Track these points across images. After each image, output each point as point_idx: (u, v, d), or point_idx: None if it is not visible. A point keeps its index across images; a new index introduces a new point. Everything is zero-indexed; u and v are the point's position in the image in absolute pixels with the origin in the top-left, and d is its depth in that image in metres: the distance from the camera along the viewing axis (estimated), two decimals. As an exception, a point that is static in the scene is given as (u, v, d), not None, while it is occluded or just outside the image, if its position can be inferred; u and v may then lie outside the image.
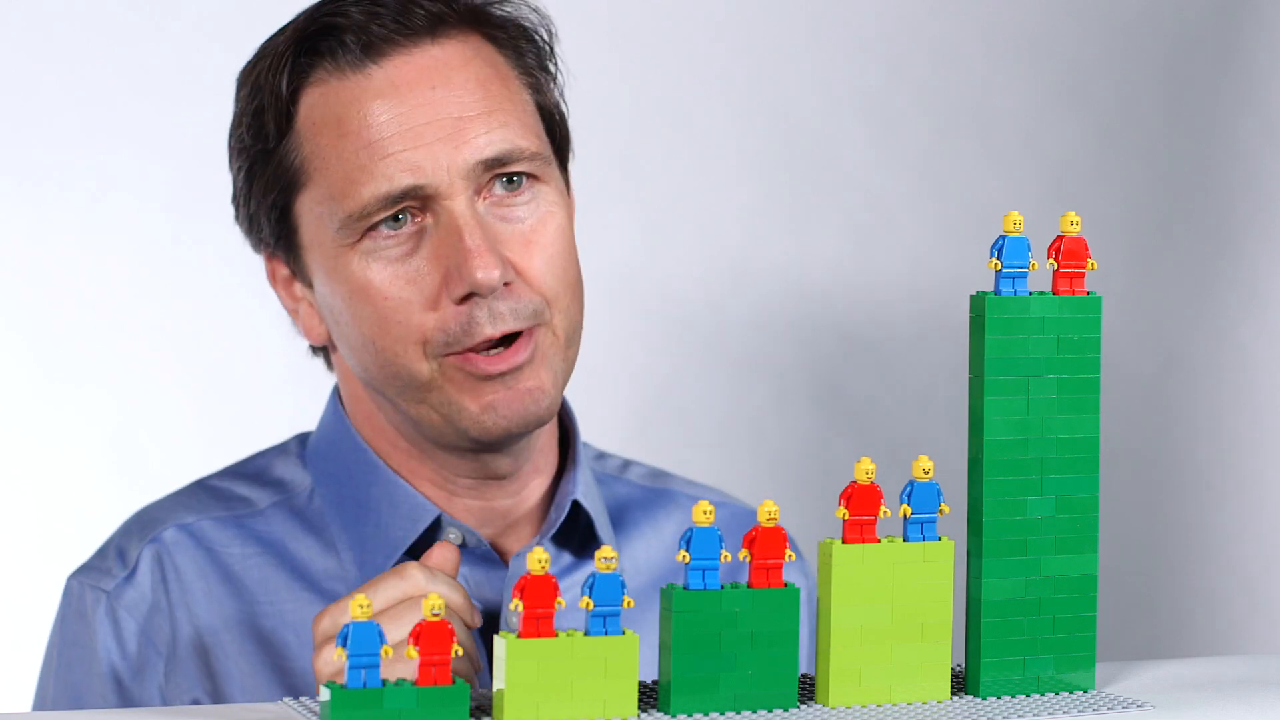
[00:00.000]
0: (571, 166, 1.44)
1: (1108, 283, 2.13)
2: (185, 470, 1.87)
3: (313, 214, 1.35)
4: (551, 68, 1.41)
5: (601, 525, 1.44)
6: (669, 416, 2.12)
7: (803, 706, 1.06)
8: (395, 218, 1.32)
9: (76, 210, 1.90)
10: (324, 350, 1.46)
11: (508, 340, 1.33)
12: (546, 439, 1.44)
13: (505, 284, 1.31)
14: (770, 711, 1.04)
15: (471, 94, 1.33)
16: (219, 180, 1.92)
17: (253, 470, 1.46)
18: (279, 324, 1.48)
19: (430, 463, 1.39)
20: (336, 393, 1.45)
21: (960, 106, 2.20)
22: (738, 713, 1.04)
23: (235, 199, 1.42)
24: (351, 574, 1.39)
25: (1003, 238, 1.09)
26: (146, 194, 1.92)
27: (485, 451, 1.37)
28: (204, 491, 1.44)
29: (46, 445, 1.90)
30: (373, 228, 1.32)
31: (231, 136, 1.41)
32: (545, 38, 1.40)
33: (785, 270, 2.15)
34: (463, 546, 1.40)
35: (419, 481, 1.40)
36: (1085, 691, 1.11)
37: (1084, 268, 1.11)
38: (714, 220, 2.13)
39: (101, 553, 1.42)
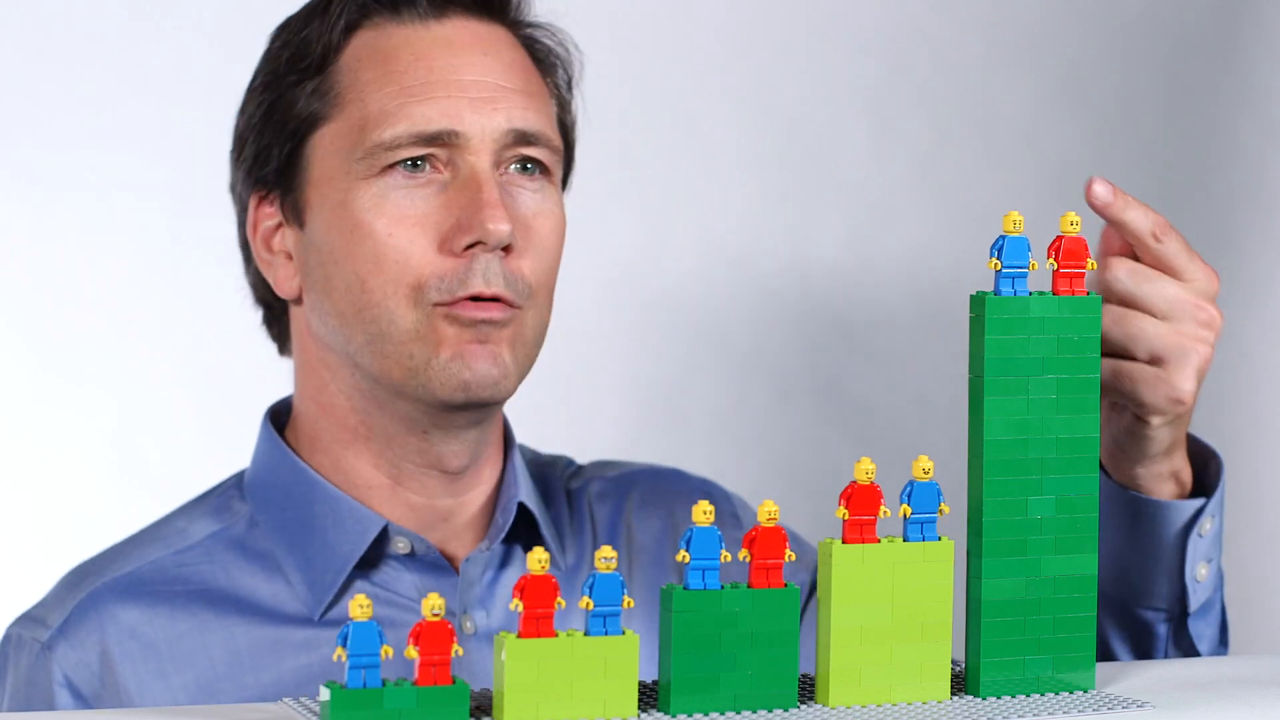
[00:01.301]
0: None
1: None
2: (185, 470, 1.87)
3: (332, 146, 1.37)
4: (572, 100, 1.47)
5: (544, 524, 1.45)
6: (669, 416, 2.12)
7: (803, 706, 1.06)
8: (415, 163, 1.35)
9: (77, 211, 1.90)
10: (278, 321, 1.45)
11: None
12: (493, 447, 1.44)
13: (505, 249, 1.34)
14: (770, 711, 1.04)
15: (516, 72, 1.39)
16: (219, 181, 1.92)
17: (190, 506, 1.46)
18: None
19: (376, 443, 1.39)
20: (267, 419, 1.45)
21: (960, 106, 2.20)
22: (738, 713, 1.04)
23: (242, 135, 1.43)
24: (303, 595, 1.38)
25: (1003, 238, 1.09)
26: (146, 194, 1.92)
27: (436, 426, 1.38)
28: (140, 536, 1.44)
29: (46, 445, 1.90)
30: (391, 166, 1.35)
31: (260, 73, 1.42)
32: (572, 72, 1.46)
33: (785, 270, 2.15)
34: (410, 555, 1.40)
35: (363, 468, 1.40)
36: (1085, 691, 1.11)
37: (1084, 268, 1.11)
38: (714, 219, 2.13)
39: (40, 604, 1.41)
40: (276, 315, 1.46)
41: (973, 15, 2.21)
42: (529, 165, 1.38)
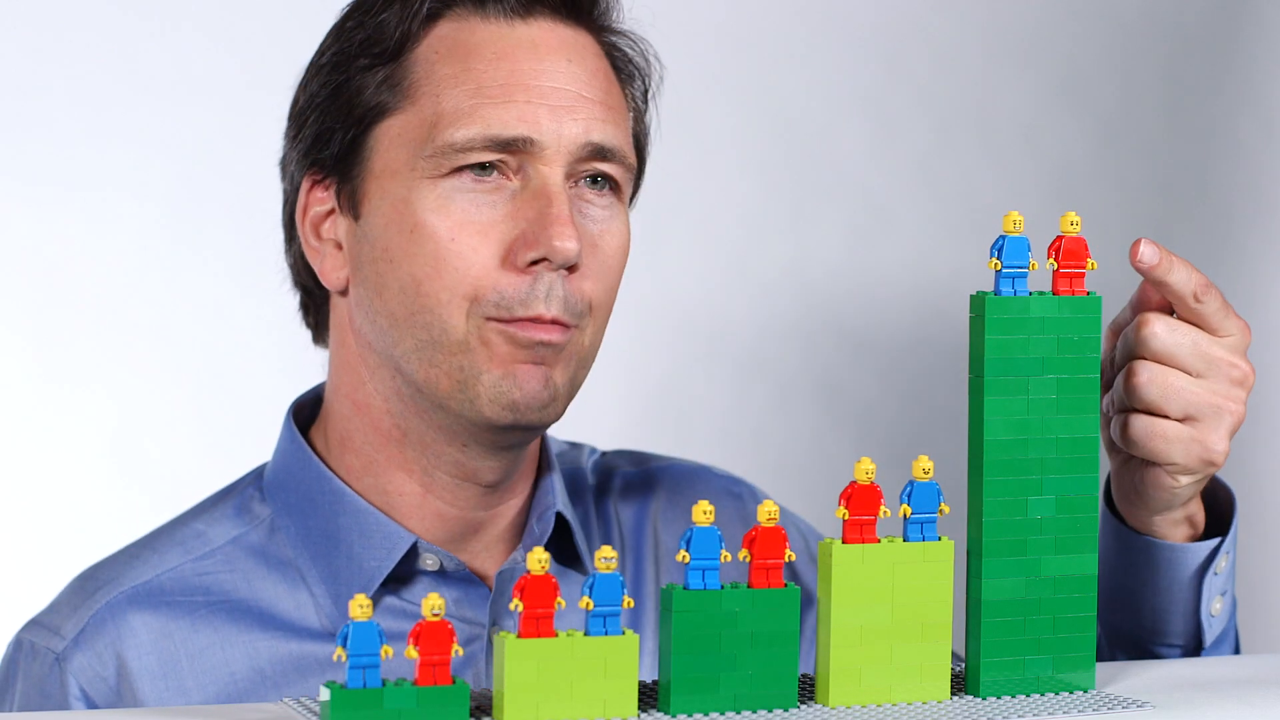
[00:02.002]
0: None
1: (1108, 283, 2.12)
2: (185, 471, 1.87)
3: (399, 139, 1.31)
4: (649, 112, 1.42)
5: (580, 534, 1.42)
6: (669, 416, 2.12)
7: (803, 706, 1.06)
8: (485, 167, 1.30)
9: (76, 210, 1.90)
10: (316, 309, 1.41)
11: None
12: (529, 460, 1.41)
13: (569, 269, 1.30)
14: (770, 711, 1.04)
15: (598, 82, 1.34)
16: (219, 180, 1.93)
17: (208, 507, 1.42)
18: (280, 324, 1.48)
19: (410, 449, 1.35)
20: (290, 419, 1.41)
21: (960, 106, 2.21)
22: (738, 713, 1.04)
23: (302, 113, 1.36)
24: (327, 608, 1.35)
25: (1003, 238, 1.09)
26: (146, 194, 1.92)
27: (476, 441, 1.34)
28: (158, 538, 1.40)
29: (46, 445, 1.90)
30: (460, 169, 1.30)
31: (327, 51, 1.36)
32: (649, 83, 1.42)
33: (785, 270, 2.15)
34: (439, 572, 1.37)
35: (394, 473, 1.36)
36: (1085, 691, 1.11)
37: (1084, 268, 1.11)
38: (714, 220, 2.13)
39: (53, 609, 1.37)
40: (316, 302, 1.41)
41: (973, 15, 2.21)
42: (599, 180, 1.34)
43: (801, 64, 2.15)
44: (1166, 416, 1.25)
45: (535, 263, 1.29)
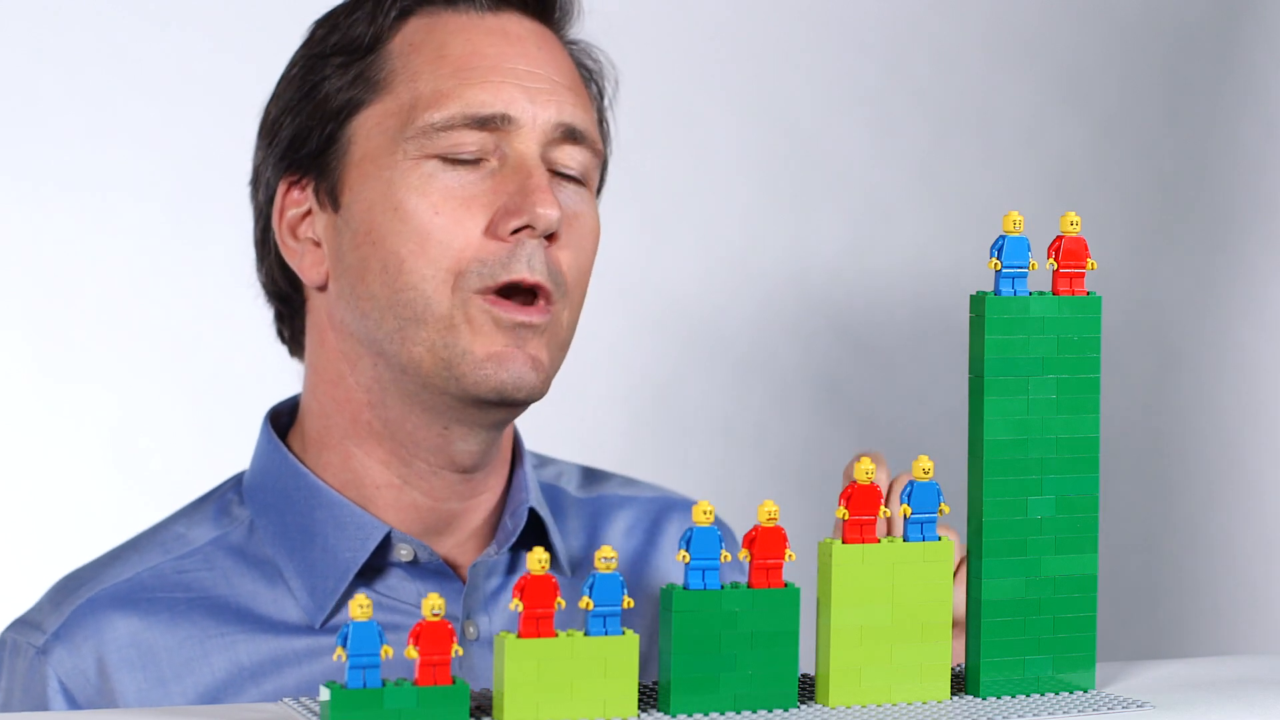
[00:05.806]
0: None
1: (1108, 283, 2.12)
2: (185, 471, 1.87)
3: (378, 127, 1.35)
4: (607, 115, 1.47)
5: (552, 529, 1.44)
6: (669, 416, 2.12)
7: (803, 706, 1.06)
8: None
9: (76, 210, 1.90)
10: (292, 319, 1.43)
11: (529, 300, 1.34)
12: (503, 453, 1.43)
13: (548, 237, 1.33)
14: (770, 711, 1.04)
15: (568, 70, 1.40)
16: (219, 180, 1.93)
17: (188, 511, 1.43)
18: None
19: (389, 440, 1.37)
20: (267, 423, 1.43)
21: (960, 106, 2.21)
22: (738, 713, 1.04)
23: (275, 120, 1.40)
24: (304, 602, 1.36)
25: (1003, 238, 1.09)
26: (146, 194, 1.92)
27: (458, 422, 1.35)
28: (139, 541, 1.41)
29: (46, 445, 1.90)
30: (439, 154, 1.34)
31: (299, 61, 1.40)
32: (605, 91, 1.46)
33: (785, 270, 2.15)
34: (413, 563, 1.38)
35: (372, 466, 1.38)
36: (1085, 691, 1.11)
37: (1084, 268, 1.11)
38: (714, 220, 2.13)
39: (36, 608, 1.39)
40: (293, 311, 1.43)
41: (973, 15, 2.21)
42: (568, 173, 1.37)
43: (801, 64, 2.15)
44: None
45: (517, 231, 1.32)
